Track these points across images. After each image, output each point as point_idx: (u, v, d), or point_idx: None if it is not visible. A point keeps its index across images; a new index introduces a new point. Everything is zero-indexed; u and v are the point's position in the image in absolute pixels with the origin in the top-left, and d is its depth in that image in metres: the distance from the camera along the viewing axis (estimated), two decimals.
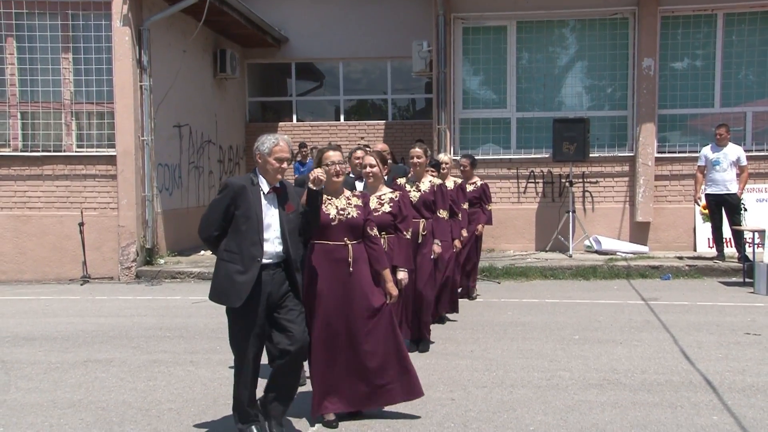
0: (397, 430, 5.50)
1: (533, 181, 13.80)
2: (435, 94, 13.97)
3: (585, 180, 13.64)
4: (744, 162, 11.98)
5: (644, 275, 11.94)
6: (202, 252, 14.33)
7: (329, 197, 5.61)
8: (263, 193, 5.16)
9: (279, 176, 5.16)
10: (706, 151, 12.18)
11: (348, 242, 5.56)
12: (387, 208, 6.39)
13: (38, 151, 12.97)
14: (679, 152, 13.51)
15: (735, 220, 11.98)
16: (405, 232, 6.40)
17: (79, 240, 12.68)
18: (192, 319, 9.55)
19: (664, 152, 13.55)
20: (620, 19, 13.69)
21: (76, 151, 13.02)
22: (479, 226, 10.11)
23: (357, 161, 7.81)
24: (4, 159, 13.03)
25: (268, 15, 16.85)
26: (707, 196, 12.14)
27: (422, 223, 7.66)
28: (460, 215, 8.98)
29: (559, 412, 5.75)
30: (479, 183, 10.40)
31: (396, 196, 6.44)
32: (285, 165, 5.13)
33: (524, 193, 13.79)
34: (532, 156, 13.76)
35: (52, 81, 12.92)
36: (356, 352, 5.54)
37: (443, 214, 8.07)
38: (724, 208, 12.06)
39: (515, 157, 13.78)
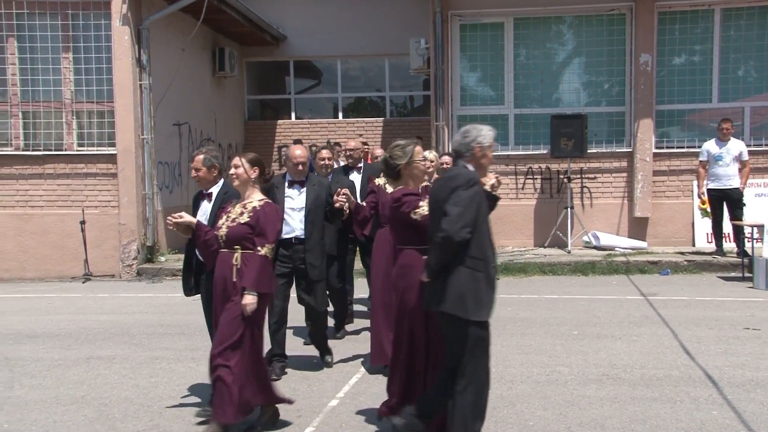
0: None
1: (531, 177, 13.83)
2: (433, 91, 14.00)
3: (583, 176, 13.68)
4: (746, 157, 11.99)
5: (643, 270, 11.98)
6: None
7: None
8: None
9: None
10: (709, 145, 12.17)
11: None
12: (245, 218, 5.45)
13: (39, 150, 13.01)
14: (677, 148, 13.54)
15: (736, 214, 11.99)
16: (260, 248, 5.32)
17: (80, 238, 12.73)
18: (193, 316, 9.56)
19: (662, 148, 13.58)
20: (617, 15, 13.72)
21: (76, 150, 13.07)
22: None
23: (321, 162, 7.85)
24: (5, 158, 13.08)
25: (266, 13, 16.89)
26: (709, 191, 12.11)
27: None
28: None
29: (559, 407, 5.80)
30: None
31: (260, 205, 5.47)
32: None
33: (522, 189, 13.83)
34: (530, 152, 13.79)
35: (53, 80, 12.97)
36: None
37: None
38: (726, 202, 12.08)
39: (513, 154, 13.82)
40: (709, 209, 12.31)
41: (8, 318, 9.84)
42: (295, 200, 6.91)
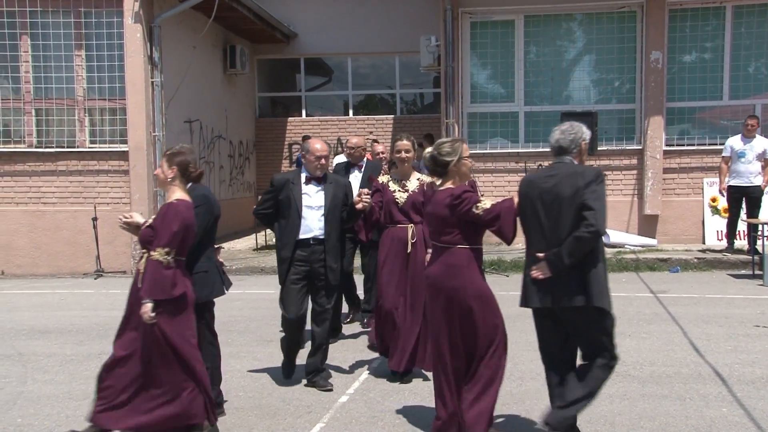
0: (406, 422, 5.59)
1: None
2: (443, 88, 14.02)
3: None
4: None
5: (653, 268, 11.97)
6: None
7: None
8: None
9: None
10: (733, 141, 12.01)
11: None
12: (152, 220, 5.21)
13: (52, 147, 13.10)
14: (688, 145, 13.52)
15: (754, 213, 11.90)
16: (153, 251, 4.97)
17: (92, 234, 12.81)
18: None
19: (672, 145, 13.56)
20: (628, 12, 13.70)
21: (89, 147, 13.16)
22: None
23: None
24: (18, 155, 13.18)
25: (277, 11, 16.93)
26: (729, 187, 11.98)
27: (411, 228, 6.71)
28: None
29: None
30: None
31: (165, 205, 5.16)
32: None
33: None
34: (540, 149, 13.76)
35: (66, 78, 13.05)
36: None
37: None
38: (745, 200, 11.97)
39: (523, 151, 13.81)
40: (719, 206, 12.25)
41: (21, 313, 9.92)
42: (313, 198, 6.40)
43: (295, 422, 5.62)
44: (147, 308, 4.89)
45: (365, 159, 8.57)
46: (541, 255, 4.74)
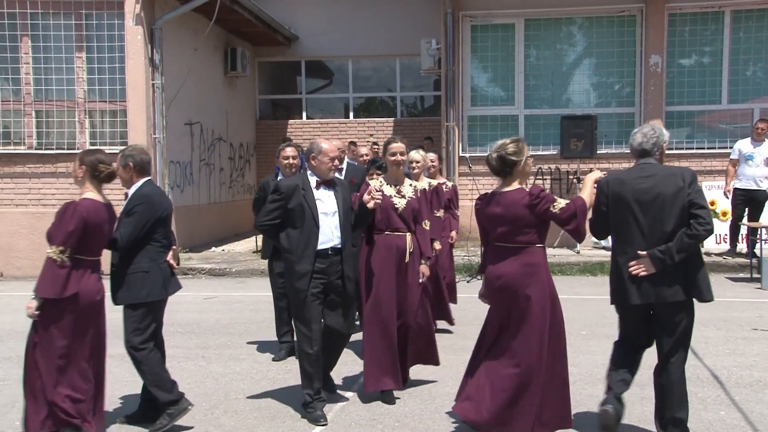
0: (406, 424, 5.61)
1: (541, 177, 13.87)
2: (443, 91, 14.06)
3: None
4: None
5: None
6: (213, 248, 14.49)
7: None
8: None
9: None
10: (741, 144, 11.95)
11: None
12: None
13: (52, 149, 13.13)
14: (687, 149, 13.55)
15: (756, 216, 11.87)
16: (48, 249, 5.03)
17: None
18: (203, 315, 9.67)
19: (672, 149, 13.55)
20: (627, 16, 13.74)
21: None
22: (453, 233, 8.69)
23: (285, 161, 7.34)
24: (19, 157, 13.20)
25: (278, 13, 16.97)
26: (735, 190, 11.94)
27: (409, 237, 6.33)
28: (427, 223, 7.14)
29: None
30: (450, 184, 8.97)
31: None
32: None
33: None
34: (540, 153, 13.82)
35: (66, 80, 13.08)
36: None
37: (427, 225, 6.70)
38: (750, 203, 11.94)
39: None
40: (717, 210, 12.24)
41: (20, 316, 9.82)
42: (326, 203, 5.89)
43: (294, 425, 5.64)
44: (32, 304, 4.99)
45: (345, 161, 8.24)
46: (643, 253, 4.88)
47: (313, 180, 5.90)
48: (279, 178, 7.49)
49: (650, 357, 5.29)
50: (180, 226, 13.90)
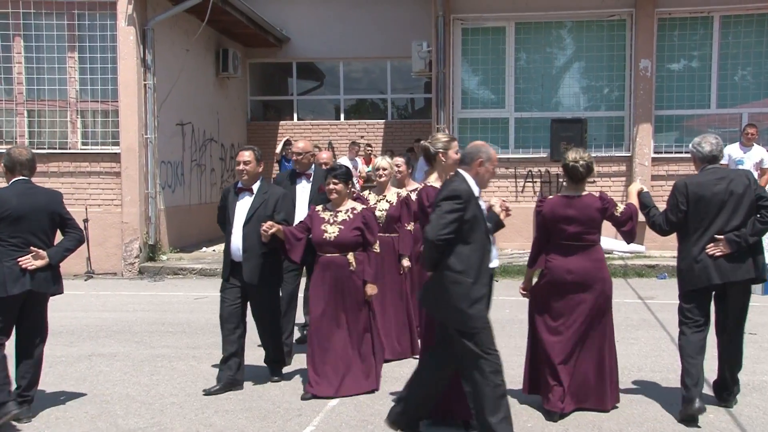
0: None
1: (531, 180, 13.93)
2: (434, 93, 14.09)
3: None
4: (766, 164, 11.91)
5: (641, 274, 12.06)
6: (204, 249, 14.50)
7: None
8: None
9: None
10: (731, 149, 11.94)
11: None
12: None
13: (44, 149, 13.08)
14: (676, 153, 13.62)
15: None
16: None
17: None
18: (194, 315, 9.69)
19: (661, 152, 13.68)
20: (617, 20, 13.81)
21: (81, 149, 13.19)
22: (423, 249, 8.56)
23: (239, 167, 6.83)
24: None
25: (269, 15, 16.98)
26: None
27: (351, 256, 6.38)
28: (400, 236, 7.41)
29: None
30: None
31: None
32: None
33: (522, 192, 13.92)
34: (530, 155, 13.89)
35: (58, 79, 13.07)
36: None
37: (410, 226, 7.34)
38: None
39: (513, 157, 13.91)
40: None
41: None
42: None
43: (285, 425, 5.68)
44: None
45: (313, 166, 7.63)
46: (720, 237, 5.69)
47: (476, 189, 5.07)
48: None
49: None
50: (170, 226, 13.95)
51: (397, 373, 6.89)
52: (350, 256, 6.28)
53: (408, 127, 18.03)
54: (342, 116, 18.70)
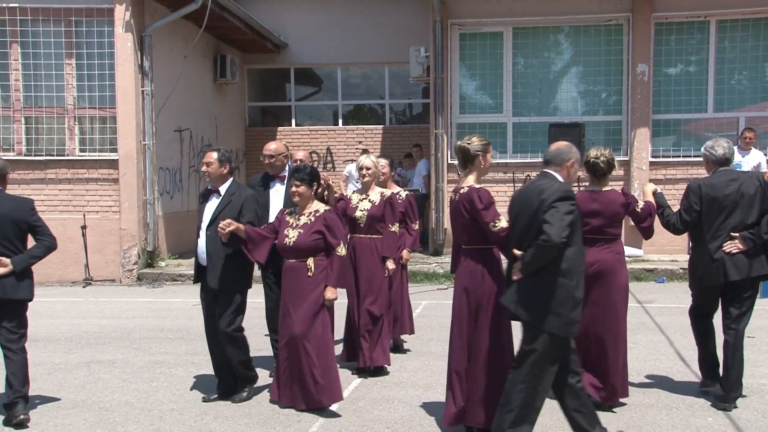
0: (396, 430, 5.64)
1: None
2: (432, 99, 14.12)
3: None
4: (764, 168, 11.91)
5: (639, 278, 12.06)
6: None
7: None
8: None
9: None
10: None
11: None
12: None
13: (42, 156, 13.12)
14: (673, 157, 13.66)
15: None
16: None
17: (81, 243, 12.82)
18: (193, 321, 9.66)
19: (658, 156, 13.71)
20: (615, 25, 13.85)
21: (78, 156, 13.19)
22: (404, 252, 7.78)
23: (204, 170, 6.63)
24: (8, 163, 13.13)
25: (267, 21, 16.99)
26: None
27: (310, 261, 6.15)
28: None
29: (557, 413, 5.78)
30: (404, 194, 8.07)
31: None
32: None
33: None
34: (528, 160, 13.89)
35: (56, 86, 13.08)
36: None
37: (394, 227, 7.27)
38: None
39: (511, 162, 13.93)
40: None
41: None
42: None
43: (284, 431, 5.67)
44: None
45: (287, 168, 7.24)
46: (736, 234, 5.98)
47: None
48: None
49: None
50: (169, 232, 13.94)
51: (397, 379, 6.91)
52: (309, 262, 6.00)
53: (406, 133, 18.04)
54: (340, 122, 18.71)
